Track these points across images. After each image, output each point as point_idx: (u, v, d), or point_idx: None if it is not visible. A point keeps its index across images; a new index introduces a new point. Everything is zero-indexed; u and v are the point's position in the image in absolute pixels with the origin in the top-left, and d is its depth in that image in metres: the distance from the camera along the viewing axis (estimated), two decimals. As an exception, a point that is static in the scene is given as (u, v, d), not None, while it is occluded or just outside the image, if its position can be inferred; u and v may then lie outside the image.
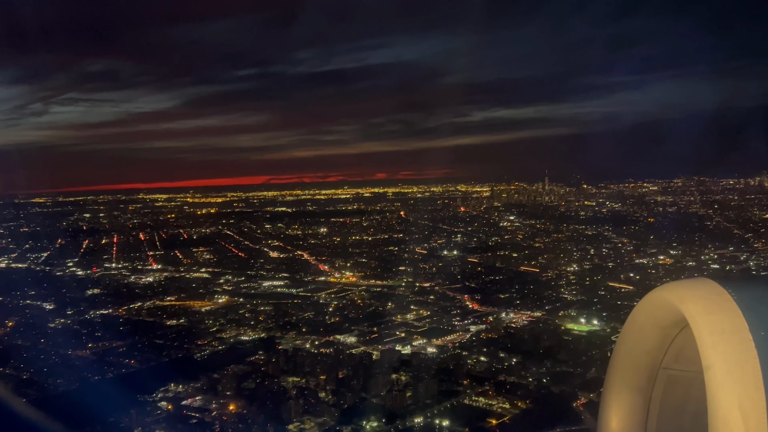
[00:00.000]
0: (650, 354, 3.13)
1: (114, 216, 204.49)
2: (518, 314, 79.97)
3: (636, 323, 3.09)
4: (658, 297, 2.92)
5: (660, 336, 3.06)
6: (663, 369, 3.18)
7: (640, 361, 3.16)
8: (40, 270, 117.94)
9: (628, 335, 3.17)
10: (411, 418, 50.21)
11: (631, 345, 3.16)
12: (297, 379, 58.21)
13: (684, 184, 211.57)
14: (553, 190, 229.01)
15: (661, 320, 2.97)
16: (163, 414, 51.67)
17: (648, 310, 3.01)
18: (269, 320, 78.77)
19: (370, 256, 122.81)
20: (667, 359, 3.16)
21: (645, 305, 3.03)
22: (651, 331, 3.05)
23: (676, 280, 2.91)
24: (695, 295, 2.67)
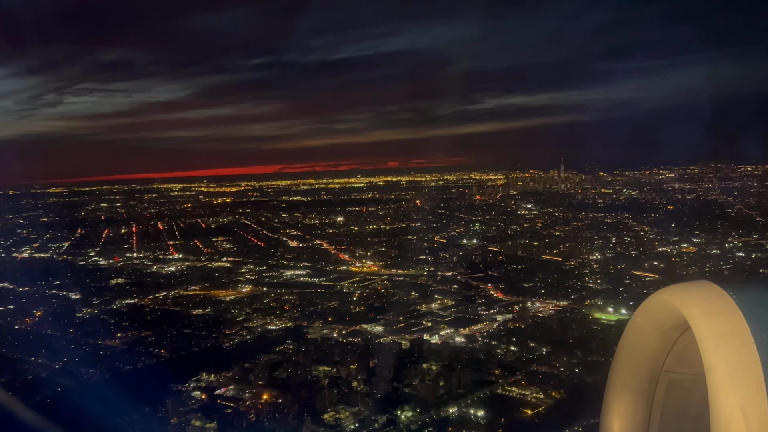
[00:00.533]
0: (652, 357, 3.09)
1: (131, 206, 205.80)
2: (544, 303, 79.38)
3: (637, 326, 3.05)
4: (659, 300, 2.87)
5: (661, 339, 3.02)
6: (664, 372, 3.13)
7: (641, 365, 3.12)
8: (63, 260, 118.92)
9: (630, 338, 3.13)
10: (445, 408, 50.06)
11: (632, 348, 3.12)
12: (328, 368, 58.15)
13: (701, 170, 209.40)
14: (569, 178, 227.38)
15: (662, 323, 2.93)
16: (197, 403, 51.88)
17: (649, 313, 2.97)
18: (294, 309, 78.81)
19: (390, 245, 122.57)
20: (669, 362, 3.11)
21: (646, 308, 2.98)
22: (652, 335, 3.01)
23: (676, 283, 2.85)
24: (696, 297, 2.65)
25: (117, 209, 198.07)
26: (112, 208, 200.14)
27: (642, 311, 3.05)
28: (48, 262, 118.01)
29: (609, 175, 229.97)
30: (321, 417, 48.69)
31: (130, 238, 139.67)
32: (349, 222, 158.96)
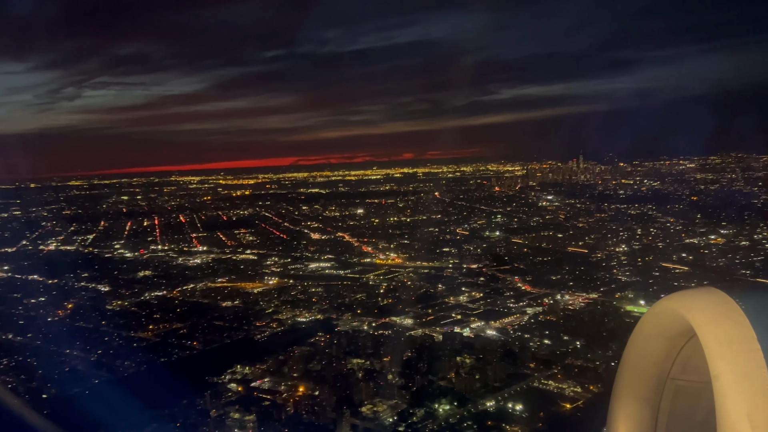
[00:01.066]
0: (658, 364, 3.06)
1: (151, 198, 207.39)
2: (573, 296, 78.65)
3: (643, 333, 3.01)
4: (665, 307, 2.84)
5: (667, 346, 2.98)
6: (671, 379, 3.10)
7: (647, 372, 3.09)
8: (89, 252, 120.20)
9: (635, 345, 3.09)
10: (483, 402, 49.81)
11: (638, 355, 3.09)
12: (361, 361, 58.13)
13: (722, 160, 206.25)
14: (588, 169, 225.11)
15: (668, 330, 2.89)
16: (234, 396, 52.15)
17: (655, 320, 2.93)
18: (323, 302, 78.87)
19: (412, 237, 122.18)
20: (675, 369, 3.08)
21: (651, 315, 2.94)
22: (658, 342, 2.97)
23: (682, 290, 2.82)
24: (702, 304, 2.60)
25: (138, 202, 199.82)
26: (133, 201, 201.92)
27: (647, 318, 2.99)
28: (74, 254, 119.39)
29: (628, 165, 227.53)
30: (359, 410, 48.69)
31: (153, 231, 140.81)
32: (369, 214, 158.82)
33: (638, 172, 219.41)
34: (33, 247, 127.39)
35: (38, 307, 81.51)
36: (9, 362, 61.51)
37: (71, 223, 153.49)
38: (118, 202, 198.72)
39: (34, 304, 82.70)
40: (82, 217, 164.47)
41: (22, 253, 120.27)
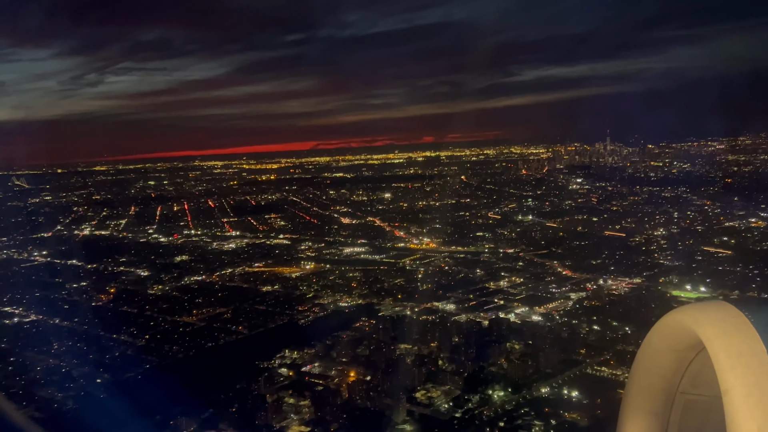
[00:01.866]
0: (667, 378, 3.01)
1: (177, 183, 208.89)
2: (616, 281, 77.42)
3: (651, 347, 2.98)
4: (674, 320, 2.82)
5: (676, 360, 2.94)
6: (680, 393, 3.05)
7: (656, 386, 3.04)
8: (124, 237, 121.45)
9: (644, 359, 3.05)
10: (537, 388, 49.28)
11: (647, 369, 3.04)
12: (409, 346, 57.89)
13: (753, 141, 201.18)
14: (615, 151, 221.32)
15: (677, 344, 2.86)
16: (286, 380, 52.26)
17: (663, 333, 2.90)
18: (362, 287, 78.70)
19: (443, 221, 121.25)
20: (684, 383, 3.02)
21: (660, 328, 2.92)
22: (667, 355, 2.94)
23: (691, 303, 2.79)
24: (711, 317, 2.58)
25: (165, 187, 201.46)
26: (160, 186, 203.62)
27: (656, 331, 2.96)
28: (109, 239, 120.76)
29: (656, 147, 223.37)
30: (413, 395, 48.50)
31: (184, 216, 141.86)
32: (396, 198, 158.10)
33: (667, 154, 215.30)
34: (68, 232, 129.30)
35: (81, 291, 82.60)
36: (59, 347, 62.37)
37: (102, 208, 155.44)
38: (146, 188, 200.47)
39: (76, 289, 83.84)
40: (112, 202, 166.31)
41: (58, 238, 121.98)
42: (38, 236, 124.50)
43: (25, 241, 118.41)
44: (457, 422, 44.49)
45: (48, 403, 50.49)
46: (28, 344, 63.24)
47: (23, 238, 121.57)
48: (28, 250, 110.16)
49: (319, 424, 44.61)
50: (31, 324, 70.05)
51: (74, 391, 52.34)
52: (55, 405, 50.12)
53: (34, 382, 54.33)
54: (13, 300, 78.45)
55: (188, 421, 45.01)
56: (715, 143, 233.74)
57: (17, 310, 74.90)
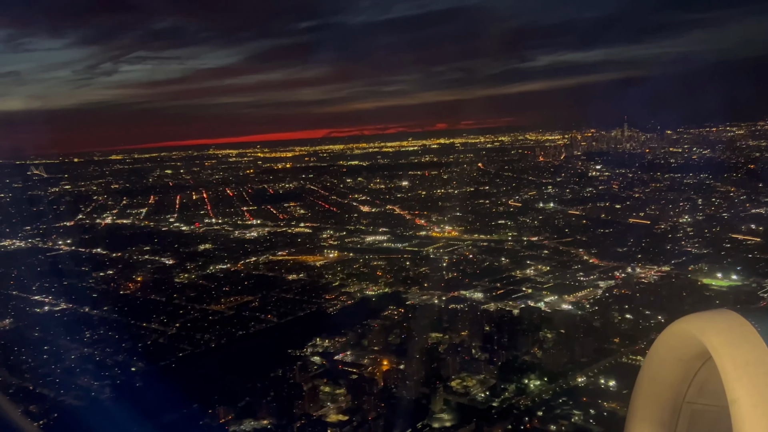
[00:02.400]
0: (673, 388, 2.99)
1: (194, 172, 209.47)
2: (645, 269, 76.50)
3: (657, 356, 2.96)
4: (679, 329, 2.79)
5: (682, 369, 2.92)
6: (687, 403, 3.01)
7: (662, 396, 3.02)
8: (145, 226, 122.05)
9: (650, 369, 3.03)
10: (573, 377, 48.98)
11: (653, 379, 3.02)
12: (440, 335, 57.75)
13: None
14: (633, 137, 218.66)
15: (683, 353, 2.84)
16: (320, 369, 52.34)
17: (669, 342, 2.88)
18: (387, 275, 78.53)
19: (464, 209, 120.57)
20: (691, 393, 3.00)
21: (666, 338, 2.89)
22: (673, 365, 2.92)
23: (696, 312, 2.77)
24: (717, 326, 2.58)
25: (182, 175, 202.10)
26: (177, 175, 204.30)
27: (662, 340, 2.91)
28: (131, 228, 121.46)
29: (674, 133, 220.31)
30: (448, 384, 48.40)
31: (203, 204, 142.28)
32: (414, 186, 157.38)
33: (686, 140, 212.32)
34: (90, 221, 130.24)
35: (108, 280, 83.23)
36: (92, 335, 62.96)
37: (122, 197, 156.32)
38: (163, 176, 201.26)
39: (103, 278, 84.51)
40: (131, 191, 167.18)
41: (80, 227, 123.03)
42: (61, 225, 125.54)
43: (49, 230, 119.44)
44: (495, 411, 44.29)
45: (85, 391, 50.99)
46: (61, 333, 63.77)
47: (46, 227, 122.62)
48: (53, 239, 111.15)
49: (356, 413, 44.66)
50: (61, 312, 70.73)
51: (110, 380, 52.80)
52: (92, 393, 50.60)
53: (70, 370, 54.90)
54: (42, 289, 79.18)
55: (226, 409, 45.20)
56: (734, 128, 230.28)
57: (47, 298, 75.62)
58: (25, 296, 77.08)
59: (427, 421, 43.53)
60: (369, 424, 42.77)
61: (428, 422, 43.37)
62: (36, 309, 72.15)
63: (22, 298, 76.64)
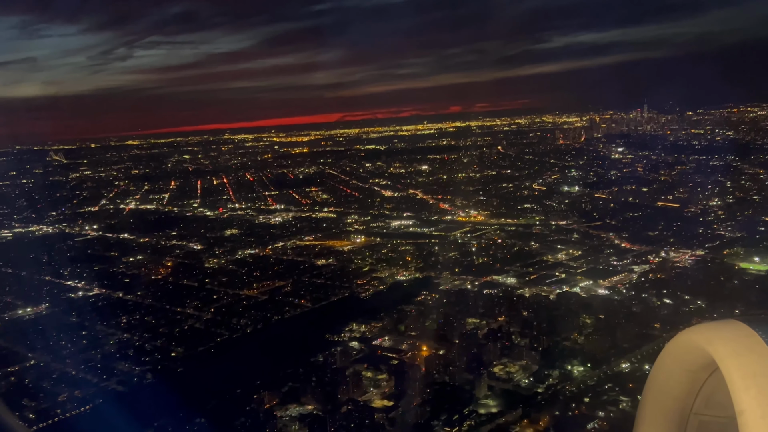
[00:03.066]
0: (680, 399, 2.96)
1: (212, 157, 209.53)
2: (678, 253, 75.43)
3: (664, 367, 2.93)
4: (686, 340, 2.77)
5: (689, 380, 2.89)
6: (694, 414, 2.97)
7: (669, 407, 2.99)
8: (170, 211, 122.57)
9: (656, 380, 2.99)
10: (616, 363, 48.47)
11: (659, 390, 2.99)
12: (477, 320, 57.39)
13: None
14: (653, 118, 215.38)
15: (690, 364, 2.81)
16: (359, 354, 52.27)
17: (675, 353, 2.85)
18: (416, 260, 78.14)
19: (487, 193, 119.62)
20: (698, 404, 2.96)
21: (672, 349, 2.86)
22: (680, 376, 2.89)
23: (703, 323, 2.76)
24: (724, 337, 2.56)
25: (200, 160, 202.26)
26: (195, 160, 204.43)
27: (668, 351, 2.87)
28: (155, 213, 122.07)
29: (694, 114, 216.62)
30: (490, 370, 48.11)
31: (224, 189, 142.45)
32: (434, 170, 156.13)
33: (707, 121, 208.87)
34: (113, 206, 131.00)
35: (138, 265, 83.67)
36: (128, 320, 63.39)
37: (143, 183, 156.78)
38: (182, 161, 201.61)
39: (133, 263, 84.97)
40: (152, 176, 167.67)
41: (105, 213, 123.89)
42: (85, 210, 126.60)
43: (74, 216, 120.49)
44: (541, 397, 43.97)
45: (127, 376, 51.39)
46: (97, 318, 64.37)
47: (71, 213, 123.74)
48: (79, 224, 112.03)
49: (400, 398, 44.53)
50: (95, 298, 71.29)
51: (151, 365, 53.17)
52: (135, 379, 50.99)
53: (110, 356, 55.32)
54: (74, 274, 79.90)
55: (270, 395, 45.28)
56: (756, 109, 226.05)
57: (80, 283, 76.26)
58: (58, 281, 77.77)
59: (473, 407, 43.31)
60: (415, 410, 42.64)
61: (474, 408, 43.15)
62: (70, 294, 72.73)
63: (55, 283, 77.33)
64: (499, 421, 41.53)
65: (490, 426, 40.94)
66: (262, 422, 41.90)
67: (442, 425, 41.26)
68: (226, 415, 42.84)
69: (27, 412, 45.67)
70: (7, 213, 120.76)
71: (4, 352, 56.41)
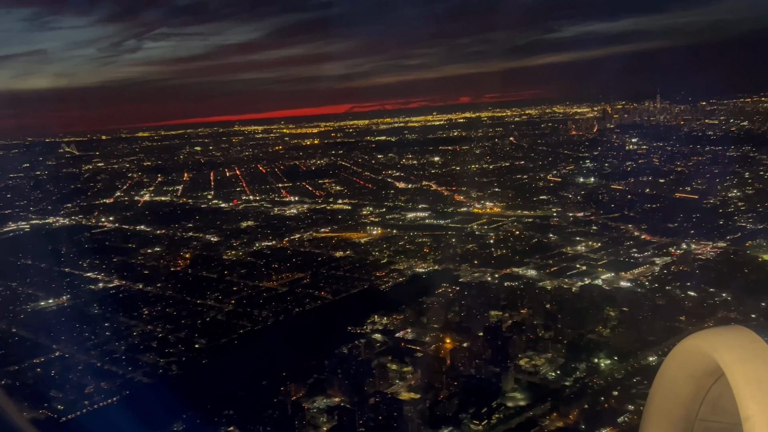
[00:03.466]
0: (685, 405, 2.94)
1: (223, 149, 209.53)
2: (700, 245, 74.70)
3: (669, 373, 2.93)
4: (691, 346, 2.77)
5: (695, 386, 2.88)
6: (699, 420, 2.96)
7: (675, 413, 2.98)
8: (184, 203, 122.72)
9: (662, 386, 2.98)
10: (644, 356, 48.12)
11: (664, 396, 2.98)
12: (499, 312, 57.15)
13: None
14: (666, 109, 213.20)
15: (695, 370, 2.81)
16: (383, 346, 52.23)
17: (681, 359, 2.86)
18: (434, 252, 77.84)
19: (502, 184, 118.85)
20: (703, 410, 2.94)
21: (677, 354, 2.88)
22: (685, 382, 2.88)
23: (708, 328, 2.77)
24: (730, 343, 2.57)
25: (211, 152, 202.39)
26: (207, 151, 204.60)
27: (673, 357, 2.88)
28: (170, 205, 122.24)
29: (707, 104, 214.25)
30: (516, 363, 47.90)
31: (238, 181, 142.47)
32: (447, 162, 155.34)
33: (720, 111, 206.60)
34: (128, 198, 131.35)
35: (156, 257, 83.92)
36: (150, 312, 63.61)
37: (156, 175, 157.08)
38: (193, 153, 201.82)
39: (151, 254, 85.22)
40: (164, 168, 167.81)
41: (120, 205, 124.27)
42: (100, 202, 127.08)
43: (90, 207, 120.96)
44: (569, 391, 43.75)
45: (153, 368, 51.63)
46: (119, 310, 64.73)
47: (86, 204, 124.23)
48: (95, 216, 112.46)
49: (426, 391, 44.46)
50: (116, 289, 71.60)
51: (175, 357, 53.36)
52: (160, 371, 51.19)
53: (134, 347, 55.59)
54: (94, 266, 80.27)
55: (297, 387, 45.33)
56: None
57: (100, 275, 76.61)
58: (78, 273, 78.16)
59: (500, 400, 43.18)
60: (442, 403, 42.56)
61: (501, 401, 43.01)
62: (90, 286, 73.09)
63: (75, 275, 77.73)
64: (527, 415, 41.39)
65: (519, 419, 40.80)
66: (291, 414, 41.93)
67: (471, 418, 41.18)
68: (255, 407, 42.91)
69: (55, 404, 46.01)
70: (24, 205, 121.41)
71: (28, 344, 56.83)
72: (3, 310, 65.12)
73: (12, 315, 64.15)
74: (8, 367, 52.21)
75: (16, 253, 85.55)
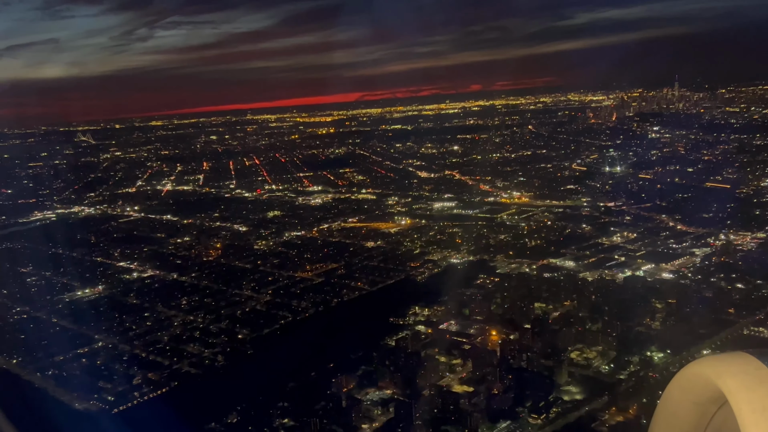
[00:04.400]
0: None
1: (239, 138, 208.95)
2: (739, 235, 73.54)
3: (672, 400, 2.86)
4: (694, 372, 2.72)
5: (697, 413, 2.82)
6: None
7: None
8: (207, 192, 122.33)
9: (665, 412, 2.92)
10: (697, 349, 47.34)
11: (668, 422, 2.91)
12: (543, 304, 56.47)
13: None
14: (685, 96, 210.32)
15: (698, 396, 2.75)
16: (428, 338, 51.69)
17: (683, 386, 2.80)
18: (467, 242, 77.10)
19: (527, 173, 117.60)
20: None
21: (680, 381, 2.82)
22: (688, 408, 2.83)
23: (711, 355, 2.74)
24: (733, 370, 2.54)
25: (228, 141, 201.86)
26: (223, 140, 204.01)
27: (676, 383, 2.83)
28: (193, 194, 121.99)
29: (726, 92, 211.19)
30: (567, 356, 47.27)
31: (258, 170, 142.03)
32: (467, 150, 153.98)
33: (741, 99, 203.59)
34: (150, 187, 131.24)
35: (187, 246, 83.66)
36: (189, 302, 63.39)
37: (175, 164, 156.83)
38: (209, 142, 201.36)
39: (181, 244, 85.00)
40: (182, 157, 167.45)
41: (143, 194, 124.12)
42: (123, 192, 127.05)
43: (113, 197, 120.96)
44: (626, 384, 43.12)
45: (199, 358, 51.42)
46: (156, 299, 64.54)
47: (110, 194, 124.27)
48: (119, 206, 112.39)
49: (479, 384, 43.95)
50: (151, 279, 71.39)
51: (220, 347, 53.13)
52: (206, 361, 50.99)
53: (177, 337, 55.40)
54: (125, 255, 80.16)
55: (348, 378, 44.97)
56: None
57: (132, 264, 76.47)
58: (110, 263, 78.10)
59: (556, 394, 42.64)
60: (498, 397, 42.07)
61: (557, 395, 42.47)
62: (125, 275, 72.94)
63: (108, 264, 77.69)
64: (585, 409, 40.83)
65: (578, 413, 40.25)
66: (346, 407, 41.59)
67: (528, 412, 40.69)
68: (308, 399, 42.58)
69: (105, 395, 45.89)
70: (47, 194, 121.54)
71: (70, 334, 56.77)
72: (41, 299, 65.11)
73: (50, 305, 64.09)
74: (53, 357, 52.15)
75: (46, 242, 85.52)
